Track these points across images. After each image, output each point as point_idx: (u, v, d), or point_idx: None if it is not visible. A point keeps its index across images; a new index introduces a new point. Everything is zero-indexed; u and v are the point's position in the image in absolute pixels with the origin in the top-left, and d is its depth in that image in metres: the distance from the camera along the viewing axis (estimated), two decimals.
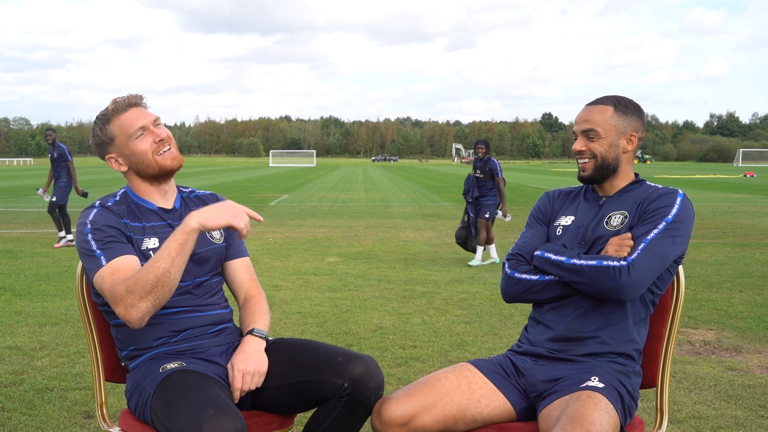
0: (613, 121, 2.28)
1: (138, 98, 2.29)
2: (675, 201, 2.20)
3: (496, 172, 8.87)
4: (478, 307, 6.30)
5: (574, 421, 1.91)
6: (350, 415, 2.19)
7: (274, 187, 30.64)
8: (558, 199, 2.50)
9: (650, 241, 2.13)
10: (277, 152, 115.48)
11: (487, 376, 2.25)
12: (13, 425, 3.48)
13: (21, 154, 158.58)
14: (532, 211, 2.52)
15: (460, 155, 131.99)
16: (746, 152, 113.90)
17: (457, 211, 17.98)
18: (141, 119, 2.25)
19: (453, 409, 2.15)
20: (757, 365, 4.62)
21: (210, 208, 2.08)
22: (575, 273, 2.17)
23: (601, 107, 2.30)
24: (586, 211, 2.37)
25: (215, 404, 1.89)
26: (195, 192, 2.50)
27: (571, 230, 2.35)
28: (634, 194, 2.31)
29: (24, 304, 6.26)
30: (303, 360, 2.24)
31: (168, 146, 2.28)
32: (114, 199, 2.32)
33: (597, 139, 2.28)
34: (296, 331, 5.40)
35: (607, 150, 2.28)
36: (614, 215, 2.29)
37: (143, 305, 2.01)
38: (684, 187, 30.32)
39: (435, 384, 2.18)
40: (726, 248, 10.46)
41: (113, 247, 2.14)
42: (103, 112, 2.29)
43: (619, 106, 2.30)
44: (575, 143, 2.34)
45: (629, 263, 2.10)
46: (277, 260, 9.15)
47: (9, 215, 15.71)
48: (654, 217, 2.18)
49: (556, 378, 2.19)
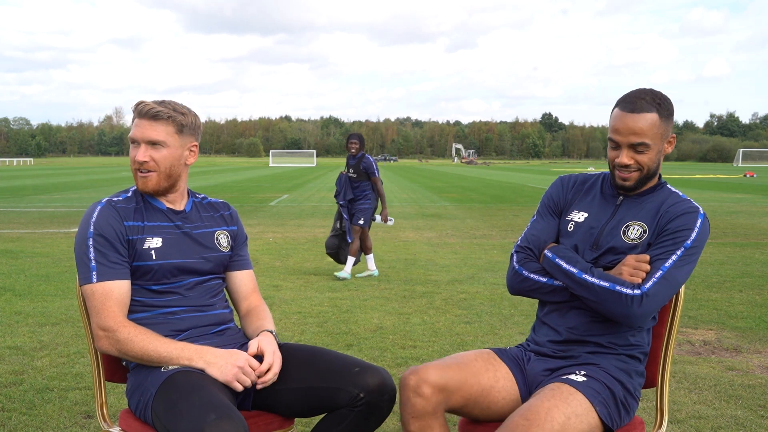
0: (660, 129, 2.11)
1: (153, 113, 2.22)
2: (696, 224, 2.10)
3: (372, 172, 7.95)
4: (478, 307, 6.30)
5: (528, 411, 1.90)
6: (361, 425, 2.19)
7: (274, 187, 30.62)
8: (572, 188, 2.37)
9: (668, 270, 2.05)
10: (277, 152, 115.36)
11: (509, 367, 2.23)
12: (13, 425, 3.48)
13: (21, 154, 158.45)
14: (544, 199, 2.39)
15: (460, 155, 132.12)
16: (746, 152, 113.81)
17: (458, 210, 17.96)
18: (138, 133, 2.24)
19: (476, 392, 2.13)
20: (757, 365, 4.62)
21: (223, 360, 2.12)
22: (585, 289, 2.11)
23: (647, 116, 2.08)
24: (602, 210, 2.26)
25: (217, 408, 1.89)
26: (207, 199, 2.51)
27: (584, 230, 2.25)
28: (655, 201, 2.19)
29: (24, 304, 6.25)
30: (317, 366, 2.24)
31: (145, 171, 2.25)
32: (125, 195, 2.33)
33: (646, 151, 2.11)
34: (296, 331, 5.40)
35: (654, 160, 2.14)
36: (632, 226, 2.17)
37: (111, 351, 2.18)
38: (684, 187, 30.36)
39: (467, 363, 2.16)
40: (726, 248, 10.47)
41: (108, 265, 2.18)
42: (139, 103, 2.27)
43: (661, 110, 2.11)
44: (618, 154, 2.14)
45: (643, 293, 2.03)
46: (277, 260, 9.15)
47: (9, 215, 15.70)
48: (673, 240, 2.09)
49: (552, 368, 2.20)
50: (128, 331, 2.14)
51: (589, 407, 1.97)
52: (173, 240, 2.29)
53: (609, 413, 2.03)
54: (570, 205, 2.34)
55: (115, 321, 2.15)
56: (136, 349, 2.12)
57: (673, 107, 2.15)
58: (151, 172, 2.26)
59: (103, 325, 2.15)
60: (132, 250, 2.23)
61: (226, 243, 2.43)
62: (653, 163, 2.14)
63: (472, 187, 31.72)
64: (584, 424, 1.93)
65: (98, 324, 2.16)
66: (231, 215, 2.51)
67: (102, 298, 2.16)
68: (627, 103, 2.12)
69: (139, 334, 2.14)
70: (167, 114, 2.23)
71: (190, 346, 2.14)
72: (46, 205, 18.71)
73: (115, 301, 2.17)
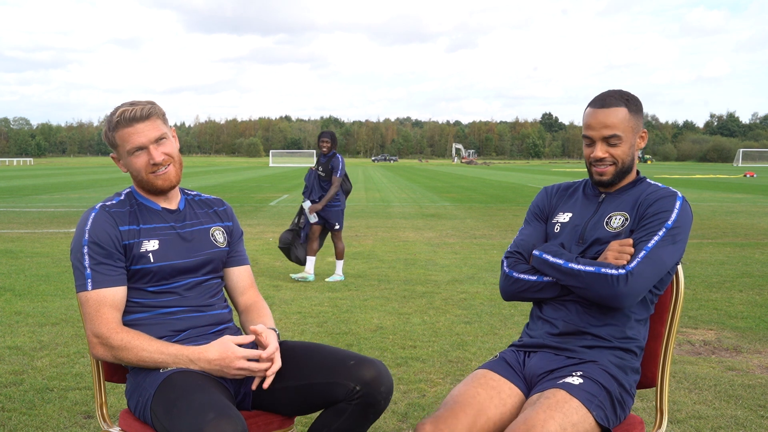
0: (630, 122, 2.21)
1: (146, 113, 2.20)
2: (674, 205, 2.17)
3: (336, 170, 7.76)
4: (478, 307, 6.30)
5: (524, 423, 1.91)
6: (359, 418, 2.19)
7: (274, 187, 30.62)
8: (556, 194, 2.46)
9: (651, 249, 2.11)
10: (277, 152, 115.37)
11: (509, 379, 2.22)
12: (13, 425, 3.48)
13: (21, 154, 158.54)
14: (531, 207, 2.50)
15: (460, 155, 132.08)
16: (746, 152, 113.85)
17: (458, 210, 17.98)
18: (141, 138, 2.21)
19: (491, 427, 2.11)
20: (757, 365, 4.62)
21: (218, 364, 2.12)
22: (572, 277, 2.16)
23: (617, 110, 2.20)
24: (585, 208, 2.34)
25: (216, 408, 1.89)
26: (200, 195, 2.51)
27: (569, 228, 2.32)
28: (634, 192, 2.28)
29: (24, 304, 6.26)
30: (312, 362, 2.24)
31: (163, 167, 2.26)
32: (119, 198, 2.33)
33: (619, 144, 2.20)
34: (296, 331, 5.40)
35: (627, 153, 2.22)
36: (615, 216, 2.25)
37: (107, 357, 2.18)
38: (684, 187, 30.36)
39: (471, 402, 2.11)
40: (726, 248, 10.46)
41: (103, 272, 2.18)
42: (112, 115, 2.23)
43: (630, 105, 2.22)
44: (593, 149, 2.24)
45: (628, 272, 2.08)
46: (277, 260, 9.15)
47: (9, 215, 15.70)
48: (654, 222, 2.15)
49: (550, 369, 2.20)
50: (121, 337, 2.14)
51: (585, 414, 1.99)
52: (170, 241, 2.29)
53: (606, 415, 2.05)
54: (555, 210, 2.42)
55: (108, 328, 2.15)
56: (130, 356, 2.13)
57: (642, 105, 2.26)
58: (169, 166, 2.28)
59: (97, 332, 2.15)
60: (129, 254, 2.22)
61: (222, 239, 2.42)
62: (627, 157, 2.23)
63: (472, 187, 31.71)
64: (573, 427, 1.95)
65: (92, 331, 2.17)
66: (225, 211, 2.50)
67: (96, 305, 2.16)
68: (597, 101, 2.25)
69: (133, 339, 2.13)
70: (152, 110, 2.24)
71: (184, 353, 2.13)
72: (46, 205, 18.70)
73: (109, 308, 2.16)
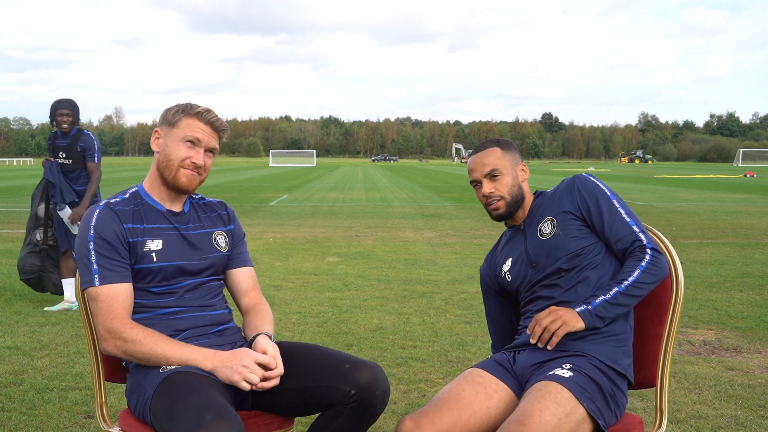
0: (505, 158, 2.45)
1: (221, 127, 2.33)
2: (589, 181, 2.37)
3: (91, 156, 5.63)
4: (478, 307, 6.30)
5: (521, 415, 1.96)
6: (355, 422, 2.19)
7: (274, 187, 30.63)
8: (490, 259, 2.61)
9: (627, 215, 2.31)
10: (277, 152, 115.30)
11: (497, 376, 2.28)
12: (13, 425, 3.48)
13: (21, 154, 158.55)
14: (481, 285, 2.66)
15: (460, 155, 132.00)
16: (746, 152, 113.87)
17: (458, 210, 17.93)
18: (203, 136, 2.29)
19: (477, 421, 2.17)
20: (757, 365, 4.62)
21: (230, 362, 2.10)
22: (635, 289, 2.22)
23: (490, 150, 2.46)
24: (516, 243, 2.49)
25: (214, 409, 1.89)
26: (205, 199, 2.52)
27: (517, 267, 2.44)
28: (544, 202, 2.45)
29: (24, 304, 6.26)
30: (309, 365, 2.24)
31: (195, 171, 2.30)
32: (123, 196, 2.33)
33: (500, 177, 2.42)
34: (296, 331, 5.41)
35: (512, 185, 2.43)
36: (543, 225, 2.39)
37: (117, 353, 2.17)
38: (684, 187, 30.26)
39: (456, 398, 2.18)
40: (726, 248, 10.46)
41: (110, 267, 2.18)
42: (193, 106, 2.31)
43: (501, 144, 2.49)
44: (481, 189, 2.45)
45: (652, 248, 2.26)
46: (277, 260, 9.15)
47: (9, 215, 15.71)
48: (600, 204, 2.32)
49: (540, 362, 2.24)
50: (136, 332, 2.14)
51: (576, 404, 2.03)
52: (173, 242, 2.30)
53: (597, 407, 2.08)
54: (497, 267, 2.55)
55: (122, 323, 2.15)
56: (144, 350, 2.12)
57: (514, 144, 2.53)
58: (201, 174, 2.32)
59: (110, 327, 2.14)
60: (132, 252, 2.23)
61: (225, 243, 2.43)
62: (513, 188, 2.44)
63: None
64: (573, 422, 2.00)
65: (104, 326, 2.15)
66: (228, 214, 2.51)
67: (108, 300, 2.15)
68: (474, 150, 2.53)
69: (147, 336, 2.13)
70: (225, 130, 2.36)
71: (198, 351, 2.14)
72: None
73: (120, 303, 2.17)
